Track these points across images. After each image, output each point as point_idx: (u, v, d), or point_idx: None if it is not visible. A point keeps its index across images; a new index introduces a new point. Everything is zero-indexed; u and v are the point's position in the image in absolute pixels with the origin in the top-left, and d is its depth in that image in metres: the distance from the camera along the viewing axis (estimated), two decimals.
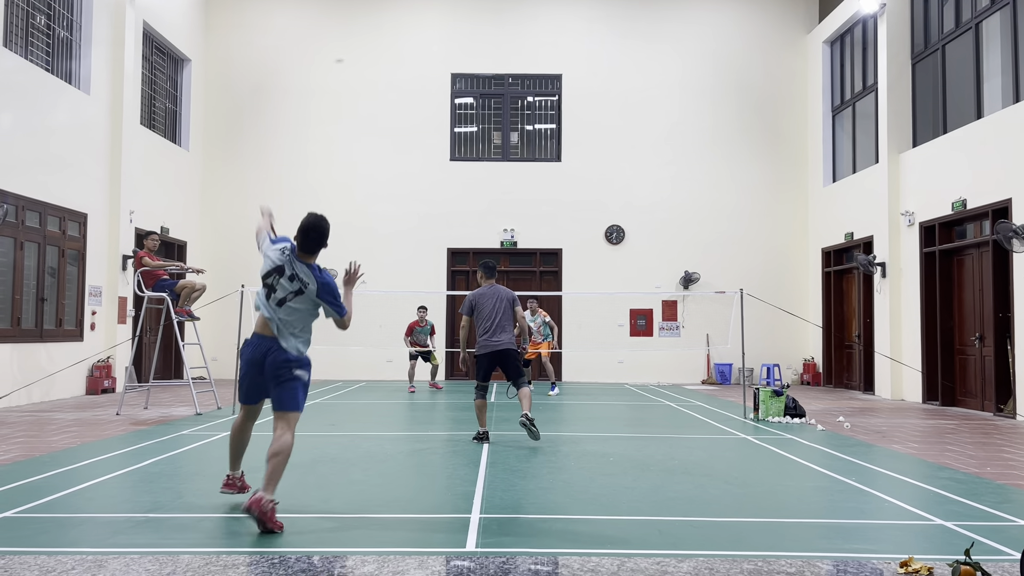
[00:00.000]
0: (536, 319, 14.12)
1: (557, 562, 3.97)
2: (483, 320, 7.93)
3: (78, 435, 8.34)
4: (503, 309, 7.96)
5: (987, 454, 7.64)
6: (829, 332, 16.76)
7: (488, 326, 7.90)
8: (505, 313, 7.97)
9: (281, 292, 4.77)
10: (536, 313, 14.16)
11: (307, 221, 4.86)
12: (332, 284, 4.85)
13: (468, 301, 8.06)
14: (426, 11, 18.21)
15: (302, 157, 17.87)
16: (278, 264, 4.78)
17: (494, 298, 7.98)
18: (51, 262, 12.40)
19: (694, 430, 9.36)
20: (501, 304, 7.96)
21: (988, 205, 11.57)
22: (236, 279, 15.42)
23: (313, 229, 4.83)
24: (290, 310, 4.78)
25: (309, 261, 4.85)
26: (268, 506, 4.34)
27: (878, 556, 4.13)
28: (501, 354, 7.91)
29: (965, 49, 12.81)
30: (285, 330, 4.79)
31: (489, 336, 7.89)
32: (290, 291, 4.76)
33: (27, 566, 3.81)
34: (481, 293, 8.05)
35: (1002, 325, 11.35)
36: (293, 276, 4.76)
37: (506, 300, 8.02)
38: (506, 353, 7.92)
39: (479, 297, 8.02)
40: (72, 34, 13.45)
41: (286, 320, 4.78)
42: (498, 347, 7.89)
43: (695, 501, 5.46)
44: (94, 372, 13.29)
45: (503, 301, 7.99)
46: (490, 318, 7.91)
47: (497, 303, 7.96)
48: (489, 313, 7.92)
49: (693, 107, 18.06)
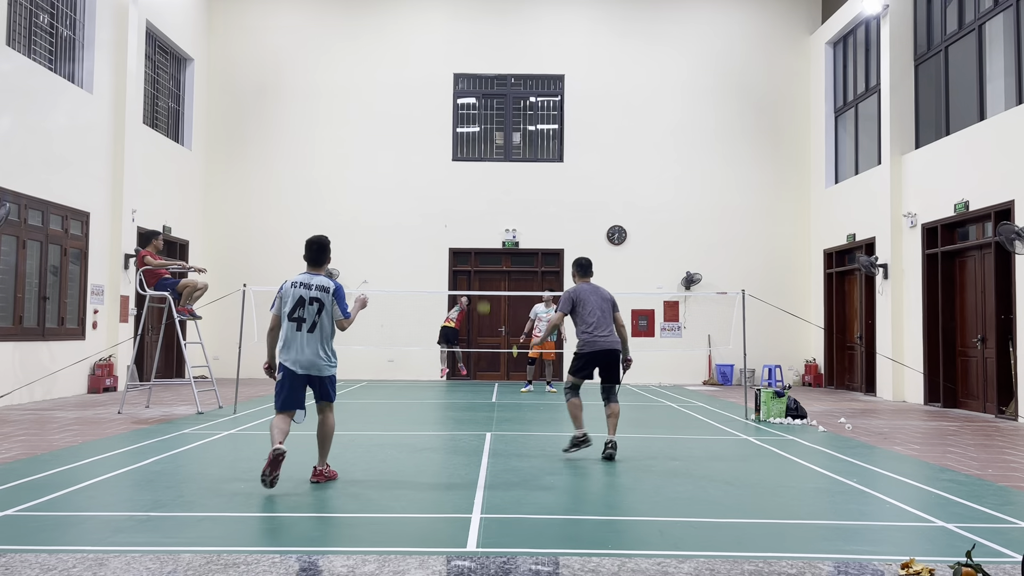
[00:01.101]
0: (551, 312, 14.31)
1: (558, 562, 3.97)
2: (587, 316, 7.32)
3: (79, 434, 8.35)
4: (607, 310, 7.41)
5: (988, 456, 7.63)
6: (831, 333, 16.74)
7: (593, 322, 7.30)
8: (606, 313, 7.39)
9: (309, 318, 5.75)
10: (550, 306, 14.43)
11: (309, 239, 6.01)
12: (342, 289, 5.88)
13: (568, 297, 7.44)
14: (429, 11, 18.22)
15: (304, 156, 17.88)
16: (297, 297, 5.78)
17: (597, 295, 7.43)
18: (53, 261, 12.41)
19: (695, 431, 9.36)
20: (605, 304, 7.42)
21: (990, 207, 11.55)
22: (238, 278, 15.44)
23: (314, 242, 5.95)
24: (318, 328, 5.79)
25: (319, 272, 5.93)
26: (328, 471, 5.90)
27: (879, 558, 4.13)
28: (609, 354, 7.29)
29: (968, 51, 12.79)
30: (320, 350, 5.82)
31: (594, 333, 7.28)
32: (315, 313, 5.76)
33: (28, 564, 3.81)
34: (582, 288, 7.49)
35: (1004, 327, 11.34)
36: (312, 299, 5.77)
37: (608, 300, 7.47)
38: (614, 354, 7.33)
39: (581, 292, 7.44)
40: (75, 33, 13.47)
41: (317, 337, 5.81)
42: (608, 346, 7.27)
43: (696, 502, 5.46)
44: (96, 371, 13.30)
45: (607, 301, 7.44)
46: (594, 315, 7.32)
47: (601, 302, 7.40)
48: (593, 310, 7.33)
49: (695, 108, 18.06)
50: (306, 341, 5.74)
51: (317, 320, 5.75)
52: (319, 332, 5.77)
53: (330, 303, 5.78)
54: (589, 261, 7.86)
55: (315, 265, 5.95)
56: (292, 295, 5.79)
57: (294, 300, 5.77)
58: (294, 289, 5.79)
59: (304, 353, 5.74)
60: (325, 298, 5.77)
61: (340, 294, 5.84)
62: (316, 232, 17.62)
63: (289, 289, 5.82)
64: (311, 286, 5.80)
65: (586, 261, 7.83)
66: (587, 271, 7.74)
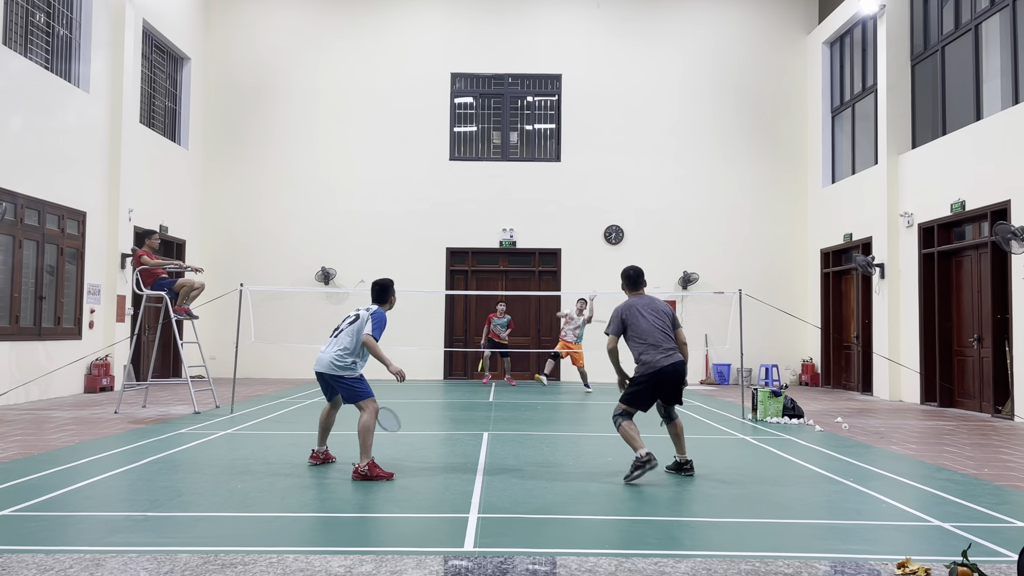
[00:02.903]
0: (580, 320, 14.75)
1: (555, 562, 3.98)
2: (643, 335, 6.35)
3: (76, 433, 8.33)
4: (667, 324, 6.44)
5: (985, 455, 7.65)
6: (828, 333, 16.76)
7: (652, 341, 6.33)
8: (667, 329, 6.42)
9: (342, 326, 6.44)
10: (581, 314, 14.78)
11: (374, 282, 6.70)
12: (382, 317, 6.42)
13: (617, 315, 6.53)
14: (426, 11, 18.20)
15: (301, 156, 17.87)
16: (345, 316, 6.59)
17: (652, 310, 6.46)
18: (50, 260, 12.39)
19: (692, 430, 9.36)
20: (664, 318, 6.45)
21: (987, 207, 11.58)
22: (235, 278, 15.43)
23: (375, 284, 6.68)
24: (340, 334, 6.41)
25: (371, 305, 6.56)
26: (364, 470, 6.02)
27: (875, 557, 4.14)
28: (674, 374, 6.32)
29: (965, 50, 12.81)
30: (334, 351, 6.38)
31: (655, 353, 6.31)
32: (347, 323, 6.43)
33: (25, 564, 3.81)
34: (633, 303, 6.51)
35: (1000, 327, 11.36)
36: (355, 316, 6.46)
37: (668, 315, 6.50)
38: (680, 374, 6.35)
39: (632, 308, 6.47)
40: (72, 32, 13.44)
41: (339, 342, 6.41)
42: (672, 366, 6.29)
43: (693, 501, 5.47)
44: (92, 370, 13.28)
45: (665, 315, 6.48)
46: (652, 333, 6.35)
47: (659, 316, 6.44)
48: (651, 328, 6.36)
49: (693, 108, 18.07)
50: (330, 344, 6.40)
51: (345, 328, 6.39)
52: (341, 338, 6.35)
53: (365, 318, 6.35)
54: (638, 271, 6.79)
55: (380, 304, 6.60)
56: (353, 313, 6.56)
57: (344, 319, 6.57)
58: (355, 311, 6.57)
59: (324, 353, 6.36)
60: (363, 314, 6.40)
61: (377, 316, 6.38)
62: (312, 230, 17.69)
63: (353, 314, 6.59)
64: (359, 308, 6.54)
65: (634, 272, 6.78)
66: (636, 283, 6.74)
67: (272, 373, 17.40)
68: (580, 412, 11.55)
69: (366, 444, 6.11)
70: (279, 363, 17.32)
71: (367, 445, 6.12)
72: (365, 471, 5.99)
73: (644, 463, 6.04)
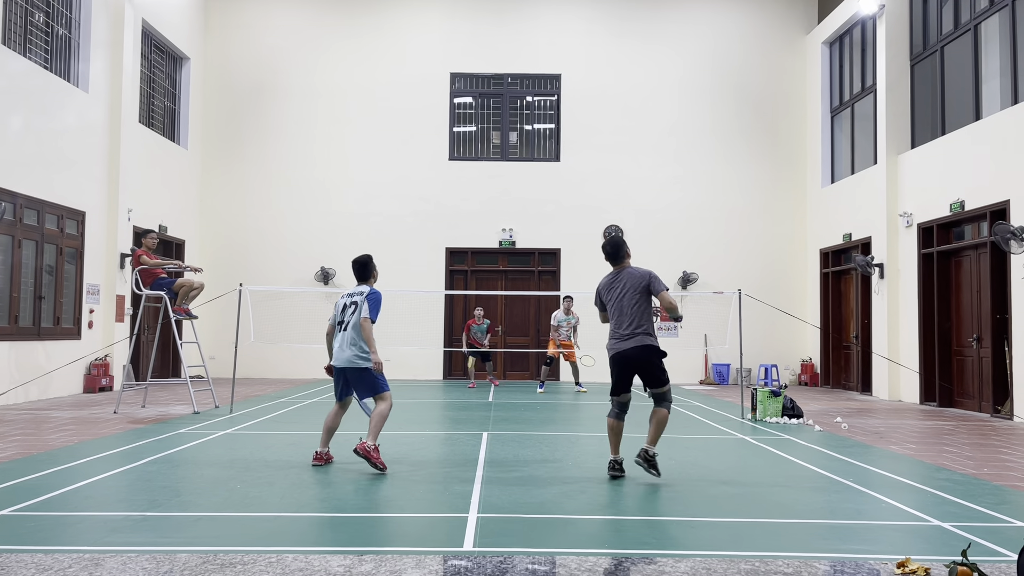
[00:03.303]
0: (571, 319, 14.64)
1: (555, 562, 3.97)
2: (610, 315, 6.18)
3: (75, 433, 8.33)
4: (633, 299, 6.05)
5: (984, 455, 7.65)
6: (827, 333, 16.77)
7: (614, 324, 6.13)
8: (633, 304, 6.02)
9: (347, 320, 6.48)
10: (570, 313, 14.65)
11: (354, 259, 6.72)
12: (377, 297, 6.49)
13: (596, 291, 6.40)
14: (425, 11, 18.20)
15: (301, 156, 17.86)
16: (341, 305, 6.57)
17: (620, 282, 6.14)
18: (49, 260, 12.38)
19: (692, 430, 9.37)
20: (629, 292, 6.06)
21: (986, 206, 11.58)
22: (234, 278, 15.43)
23: (355, 262, 6.69)
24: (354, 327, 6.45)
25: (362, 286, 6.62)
26: (371, 448, 6.23)
27: (875, 557, 4.13)
28: (636, 356, 6.03)
29: (964, 50, 12.82)
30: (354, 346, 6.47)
31: (615, 332, 6.10)
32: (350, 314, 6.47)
33: (24, 564, 3.80)
34: (603, 281, 6.31)
35: (1000, 326, 11.36)
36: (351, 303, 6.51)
37: (636, 286, 6.07)
38: (643, 353, 6.02)
39: (602, 283, 6.30)
40: (71, 32, 13.44)
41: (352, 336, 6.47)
42: (631, 347, 6.02)
43: (692, 501, 5.47)
44: (92, 370, 13.28)
45: (632, 288, 6.07)
46: (614, 312, 6.12)
47: (625, 290, 6.08)
48: (613, 307, 6.13)
49: (692, 108, 18.07)
50: (343, 339, 6.48)
51: (351, 320, 6.45)
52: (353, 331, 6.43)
53: (362, 303, 6.43)
54: (616, 245, 6.37)
55: (362, 280, 6.69)
56: (339, 305, 6.61)
57: (339, 308, 6.58)
58: (341, 300, 6.62)
59: (343, 350, 6.46)
60: (360, 300, 6.47)
61: (373, 297, 6.46)
62: (311, 230, 17.69)
63: (339, 300, 6.66)
64: (352, 294, 6.57)
65: (611, 246, 6.37)
66: (615, 257, 6.33)
67: (271, 373, 17.40)
68: (579, 412, 11.55)
69: (379, 429, 6.39)
70: (278, 363, 17.31)
71: (379, 430, 6.40)
72: (369, 449, 6.23)
73: (615, 468, 6.16)
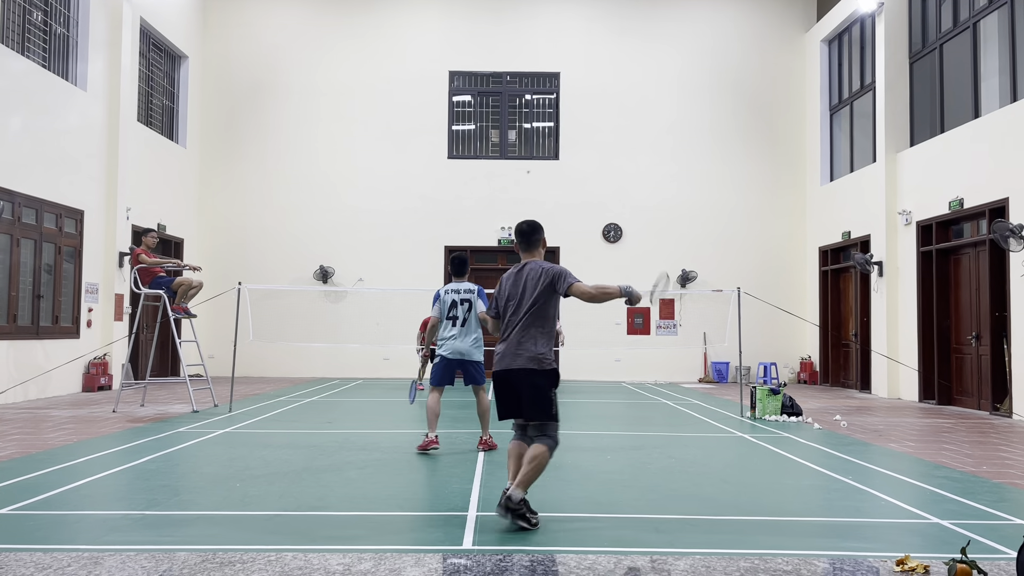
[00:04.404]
0: None
1: (554, 560, 3.97)
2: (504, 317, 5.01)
3: (74, 432, 8.33)
4: (528, 300, 4.84)
5: (983, 453, 7.66)
6: (826, 331, 16.77)
7: (506, 325, 4.97)
8: (525, 308, 4.84)
9: (461, 315, 7.19)
10: None
11: (453, 256, 7.54)
12: (481, 289, 7.33)
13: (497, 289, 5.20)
14: (424, 9, 18.19)
15: (299, 154, 17.85)
16: (451, 301, 7.25)
17: (519, 282, 4.93)
18: (48, 259, 12.37)
19: (691, 428, 9.37)
20: (521, 295, 4.88)
21: (985, 204, 11.58)
22: (233, 276, 15.42)
23: (456, 258, 7.49)
24: (468, 323, 7.22)
25: (462, 281, 7.39)
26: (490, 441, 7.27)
27: (874, 554, 4.13)
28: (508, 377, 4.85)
29: (963, 48, 12.82)
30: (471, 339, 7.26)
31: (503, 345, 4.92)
32: (464, 311, 7.20)
33: (23, 563, 3.80)
34: (505, 275, 5.09)
35: (998, 324, 11.37)
36: (463, 300, 7.22)
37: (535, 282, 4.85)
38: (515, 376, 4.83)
39: (503, 280, 5.09)
40: (69, 31, 13.42)
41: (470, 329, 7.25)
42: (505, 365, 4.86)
43: (692, 499, 5.47)
44: (90, 369, 13.27)
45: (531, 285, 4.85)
46: (505, 316, 4.98)
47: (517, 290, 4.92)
48: (503, 310, 5.00)
49: (691, 106, 18.06)
50: (460, 333, 7.17)
51: (470, 317, 7.17)
52: (472, 325, 7.19)
53: (475, 300, 7.20)
54: (533, 227, 5.11)
55: (460, 276, 7.41)
56: (445, 301, 7.26)
57: (447, 304, 7.24)
58: (448, 296, 7.26)
59: (460, 342, 7.16)
60: (471, 297, 7.23)
61: (481, 292, 7.28)
62: (310, 228, 17.68)
63: (444, 296, 7.29)
64: (459, 290, 7.27)
65: (528, 227, 5.10)
66: (529, 242, 5.09)
67: (270, 372, 17.39)
68: (578, 411, 11.55)
69: (489, 419, 7.06)
70: (277, 362, 17.31)
71: (488, 420, 7.11)
72: (490, 443, 7.21)
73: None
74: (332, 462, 6.70)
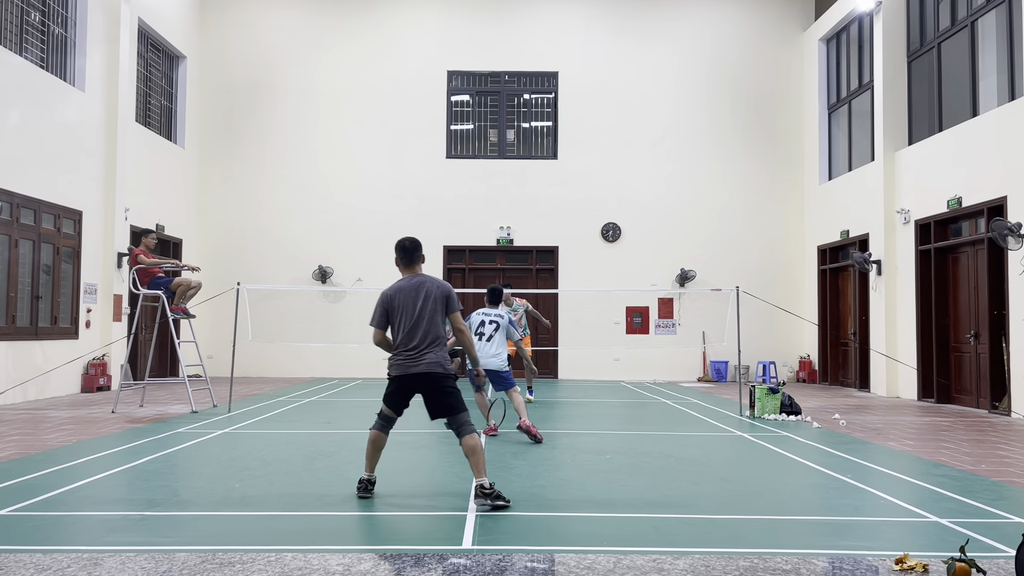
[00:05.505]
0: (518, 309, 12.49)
1: (553, 559, 3.98)
2: (402, 325, 5.29)
3: (73, 433, 8.32)
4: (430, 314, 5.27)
5: (982, 451, 7.66)
6: (825, 329, 16.78)
7: (408, 335, 5.27)
8: (428, 320, 5.25)
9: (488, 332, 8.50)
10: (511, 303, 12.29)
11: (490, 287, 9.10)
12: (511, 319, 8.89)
13: (380, 301, 5.38)
14: (422, 9, 18.18)
15: (297, 154, 17.85)
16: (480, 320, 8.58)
17: (423, 293, 5.29)
18: (46, 260, 12.36)
19: (690, 427, 9.38)
20: (426, 305, 5.27)
21: (983, 203, 11.59)
22: (232, 277, 15.41)
23: (490, 291, 9.01)
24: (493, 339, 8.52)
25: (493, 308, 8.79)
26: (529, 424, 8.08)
27: (873, 553, 4.14)
28: (423, 379, 5.30)
29: (960, 47, 12.82)
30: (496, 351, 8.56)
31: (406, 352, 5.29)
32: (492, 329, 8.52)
33: (23, 564, 3.80)
34: (400, 286, 5.35)
35: (997, 322, 11.38)
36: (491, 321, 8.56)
37: (436, 299, 5.30)
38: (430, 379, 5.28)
39: (393, 292, 5.34)
40: (67, 31, 13.40)
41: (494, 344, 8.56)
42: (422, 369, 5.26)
43: (691, 498, 5.47)
44: (89, 370, 13.26)
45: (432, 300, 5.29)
46: (407, 324, 5.27)
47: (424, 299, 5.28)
48: (409, 317, 5.27)
49: (689, 105, 18.06)
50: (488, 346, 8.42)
51: (496, 334, 8.48)
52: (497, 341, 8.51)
53: (505, 324, 8.53)
54: (416, 243, 5.46)
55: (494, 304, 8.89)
56: (475, 321, 8.57)
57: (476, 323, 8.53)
58: (477, 316, 8.63)
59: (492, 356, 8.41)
60: (501, 321, 8.55)
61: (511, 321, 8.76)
62: (309, 228, 17.66)
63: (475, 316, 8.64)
64: (489, 313, 8.62)
65: (411, 243, 5.43)
66: (413, 257, 5.42)
67: (270, 372, 17.39)
68: (577, 411, 11.56)
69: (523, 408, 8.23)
70: (277, 362, 17.31)
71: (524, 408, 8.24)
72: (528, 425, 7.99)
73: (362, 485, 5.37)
74: (332, 462, 6.71)
